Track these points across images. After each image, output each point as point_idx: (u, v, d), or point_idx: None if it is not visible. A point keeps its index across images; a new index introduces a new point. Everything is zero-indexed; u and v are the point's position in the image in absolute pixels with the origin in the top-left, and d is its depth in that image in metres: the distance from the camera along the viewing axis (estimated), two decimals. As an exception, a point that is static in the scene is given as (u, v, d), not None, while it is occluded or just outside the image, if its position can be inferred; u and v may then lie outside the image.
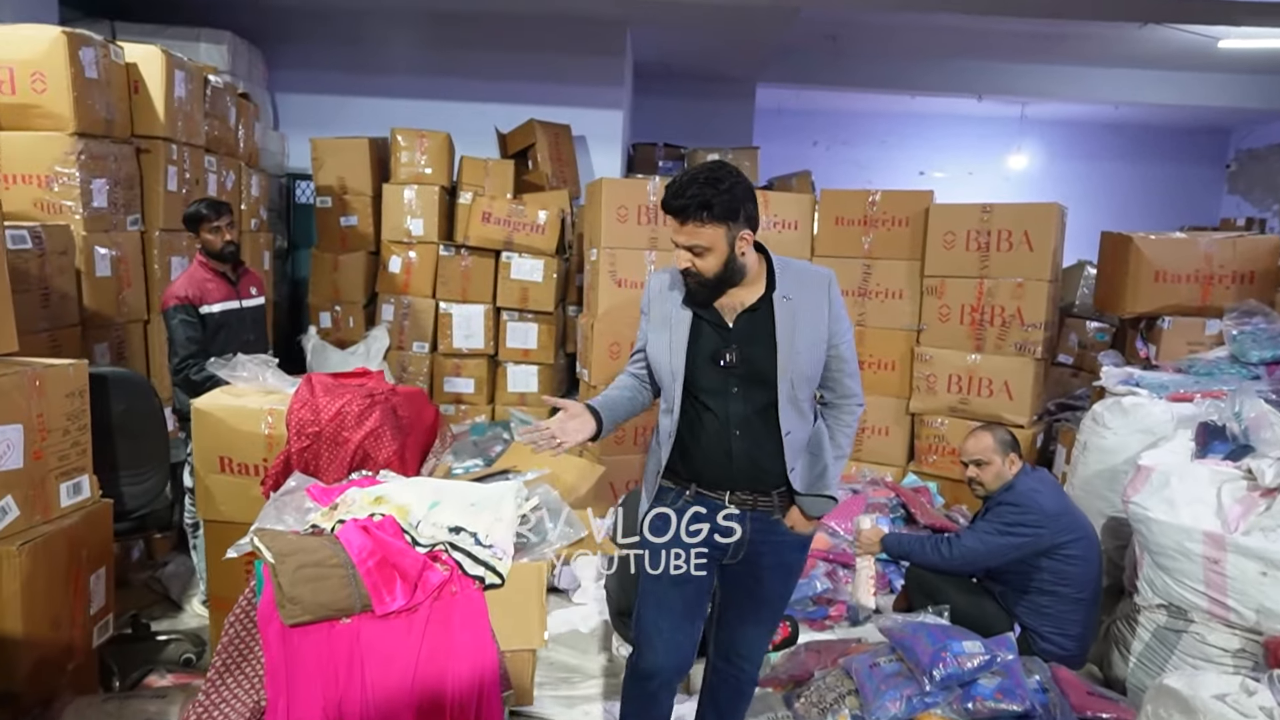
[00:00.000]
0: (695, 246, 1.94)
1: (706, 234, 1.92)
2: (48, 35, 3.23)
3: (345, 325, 5.81)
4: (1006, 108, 10.56)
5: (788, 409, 2.02)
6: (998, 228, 4.28)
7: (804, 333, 2.02)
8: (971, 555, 3.00)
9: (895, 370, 4.66)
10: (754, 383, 2.03)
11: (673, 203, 1.93)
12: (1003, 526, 2.93)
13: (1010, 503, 2.95)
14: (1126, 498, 2.94)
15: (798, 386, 2.02)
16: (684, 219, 1.93)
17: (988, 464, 3.05)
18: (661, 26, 7.00)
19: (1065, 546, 2.88)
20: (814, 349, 2.04)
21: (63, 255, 3.20)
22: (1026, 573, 2.94)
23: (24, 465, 2.03)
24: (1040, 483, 3.01)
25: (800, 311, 2.03)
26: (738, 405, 2.03)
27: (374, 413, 2.55)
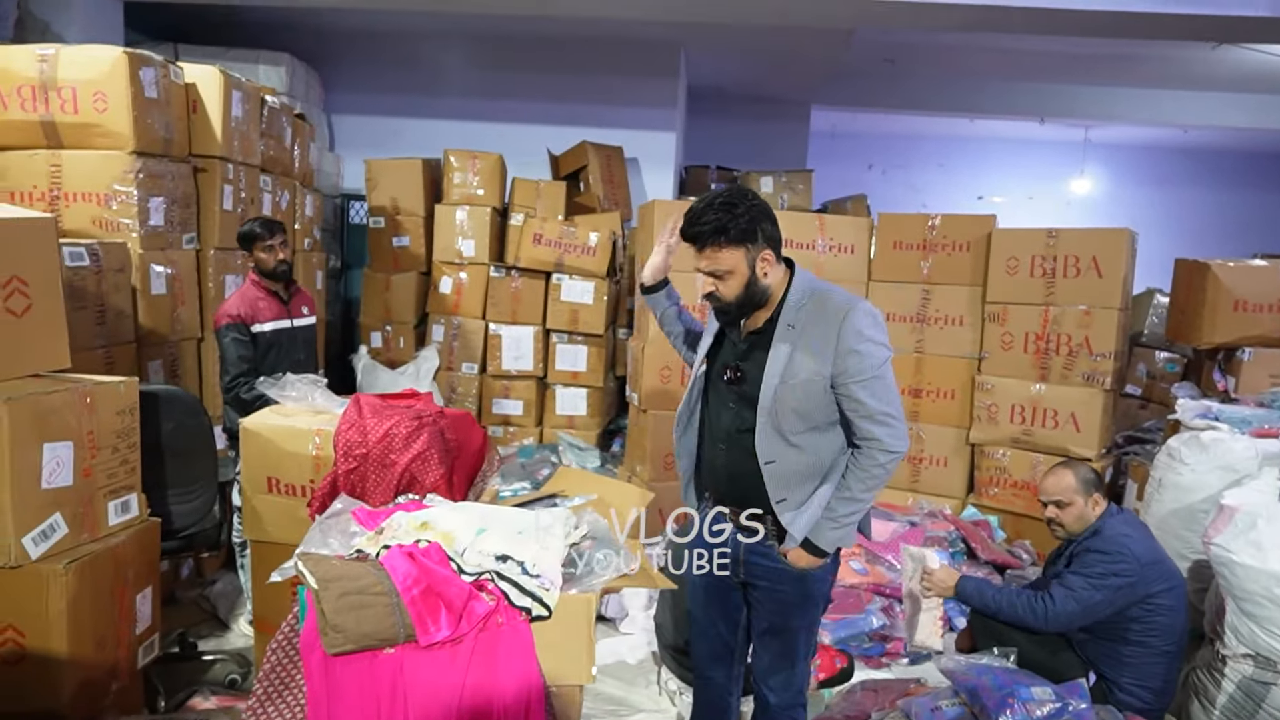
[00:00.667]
0: (716, 271, 1.96)
1: (725, 257, 1.95)
2: (110, 55, 3.28)
3: (396, 345, 5.83)
4: (1069, 131, 10.30)
5: (768, 437, 1.99)
6: (1064, 253, 4.11)
7: (799, 366, 1.97)
8: (1070, 619, 2.71)
9: (955, 399, 4.50)
10: (746, 403, 2.04)
11: (690, 230, 1.96)
12: (1096, 581, 2.67)
13: (1099, 550, 2.71)
14: (1208, 539, 2.76)
15: (782, 418, 1.98)
16: (702, 244, 1.95)
17: (1069, 505, 2.83)
18: (716, 49, 6.98)
19: (1156, 596, 2.67)
20: (808, 384, 1.96)
21: (119, 273, 3.23)
22: (1115, 623, 2.70)
23: (73, 483, 2.02)
24: (1130, 526, 2.80)
25: (800, 343, 1.98)
26: (730, 421, 2.08)
27: (422, 435, 2.50)
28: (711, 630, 2.29)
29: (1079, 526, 2.84)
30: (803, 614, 2.19)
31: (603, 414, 5.78)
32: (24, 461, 1.90)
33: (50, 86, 3.29)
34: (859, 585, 3.65)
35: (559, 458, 5.38)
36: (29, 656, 1.93)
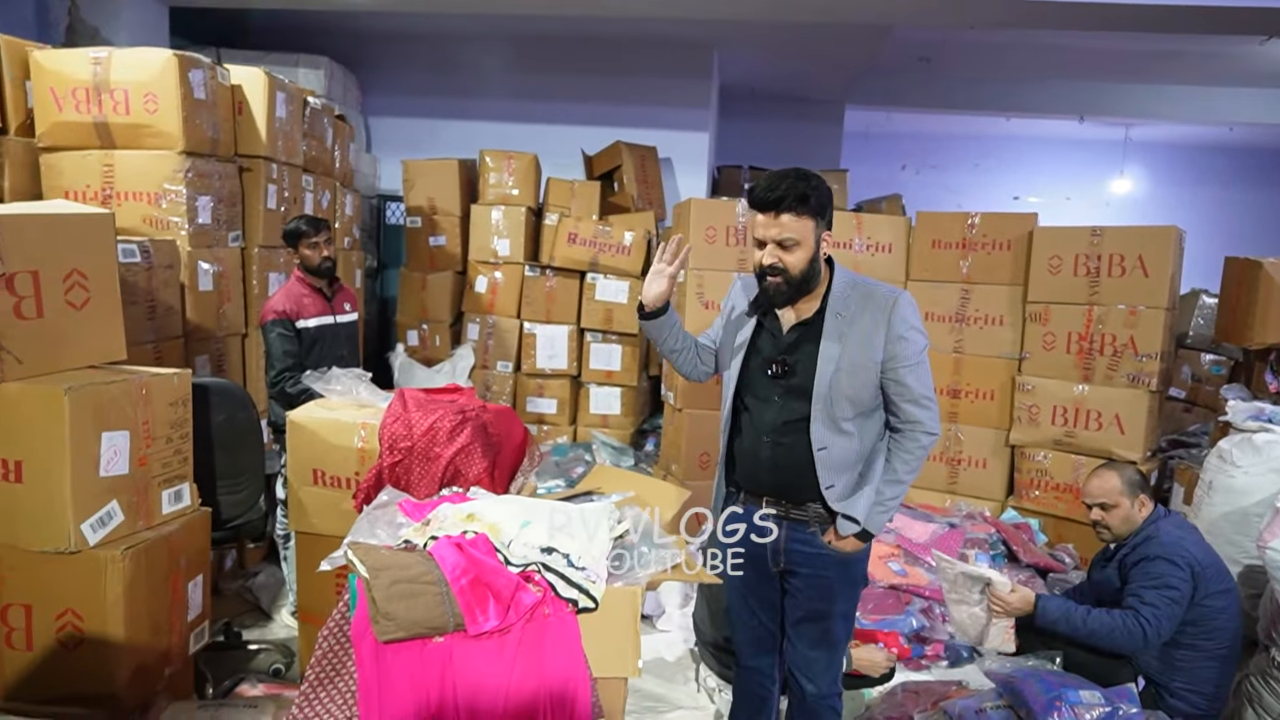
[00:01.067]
0: (787, 239, 1.96)
1: (798, 227, 1.95)
2: (160, 58, 3.35)
3: (432, 344, 5.89)
4: (1109, 130, 10.13)
5: (823, 425, 2.02)
6: (1109, 252, 4.05)
7: (851, 352, 2.01)
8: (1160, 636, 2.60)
9: (994, 400, 4.45)
10: (795, 395, 2.05)
11: (767, 195, 1.94)
12: (1169, 591, 2.58)
13: (1163, 557, 2.61)
14: (1263, 543, 2.69)
15: (836, 404, 2.02)
16: (780, 210, 1.94)
17: (1114, 507, 2.78)
18: (749, 49, 6.97)
19: (1212, 598, 2.61)
20: (861, 370, 2.01)
21: (169, 269, 3.30)
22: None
23: (129, 471, 2.06)
24: (1182, 529, 2.75)
25: (851, 331, 2.03)
26: (776, 414, 2.08)
27: (465, 429, 2.52)
28: (753, 620, 2.29)
29: (1125, 529, 2.79)
30: (845, 598, 2.22)
31: (636, 413, 5.79)
32: (83, 450, 1.94)
33: (103, 88, 3.37)
34: (898, 586, 3.62)
35: (593, 456, 5.40)
36: (87, 640, 1.98)
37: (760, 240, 2.00)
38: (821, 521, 2.12)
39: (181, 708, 2.10)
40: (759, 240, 2.00)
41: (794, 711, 2.32)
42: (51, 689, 2.00)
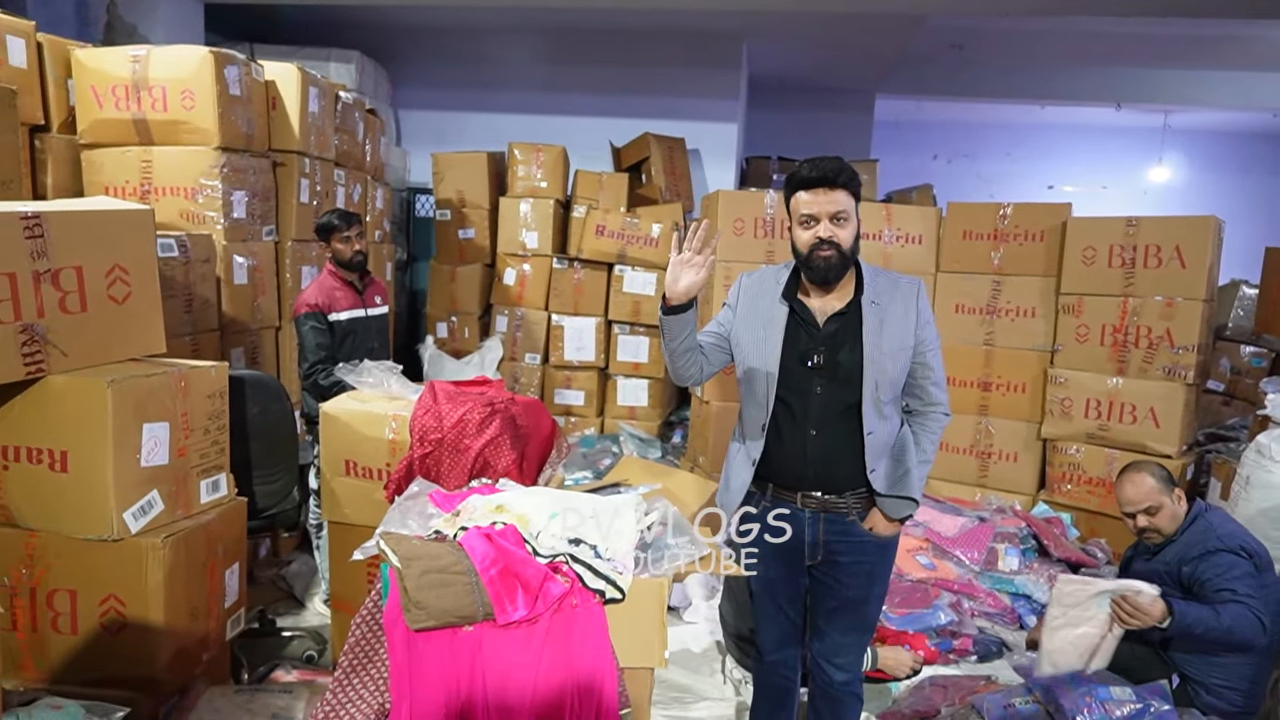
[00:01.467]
0: (841, 214, 2.01)
1: (849, 203, 2.02)
2: (197, 55, 3.41)
3: (461, 336, 5.94)
4: (1147, 117, 9.91)
5: (870, 410, 2.07)
6: (1145, 242, 3.98)
7: (890, 337, 2.08)
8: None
9: (1026, 393, 4.40)
10: (838, 384, 2.08)
11: (814, 173, 2.00)
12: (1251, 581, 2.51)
13: (1228, 550, 2.53)
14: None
15: (881, 389, 2.07)
16: (832, 185, 1.99)
17: (1159, 508, 2.67)
18: (778, 39, 6.92)
19: (1263, 590, 2.54)
20: (899, 354, 2.09)
21: (205, 263, 3.36)
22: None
23: (169, 462, 2.12)
24: (1229, 521, 2.69)
25: (887, 317, 2.09)
26: (818, 405, 2.09)
27: (494, 421, 2.55)
28: (779, 615, 2.30)
29: (1174, 526, 2.68)
30: (882, 583, 2.25)
31: (664, 405, 5.80)
32: (125, 441, 1.99)
33: (142, 86, 3.43)
34: (926, 580, 3.60)
35: (620, 448, 5.42)
36: (129, 625, 2.04)
37: (812, 216, 2.02)
38: (859, 509, 2.15)
39: (219, 692, 2.15)
40: (809, 217, 2.02)
41: (818, 702, 2.33)
42: (94, 671, 2.07)
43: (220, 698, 2.13)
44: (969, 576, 3.69)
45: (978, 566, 3.70)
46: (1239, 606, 2.47)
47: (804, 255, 2.06)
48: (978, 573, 3.70)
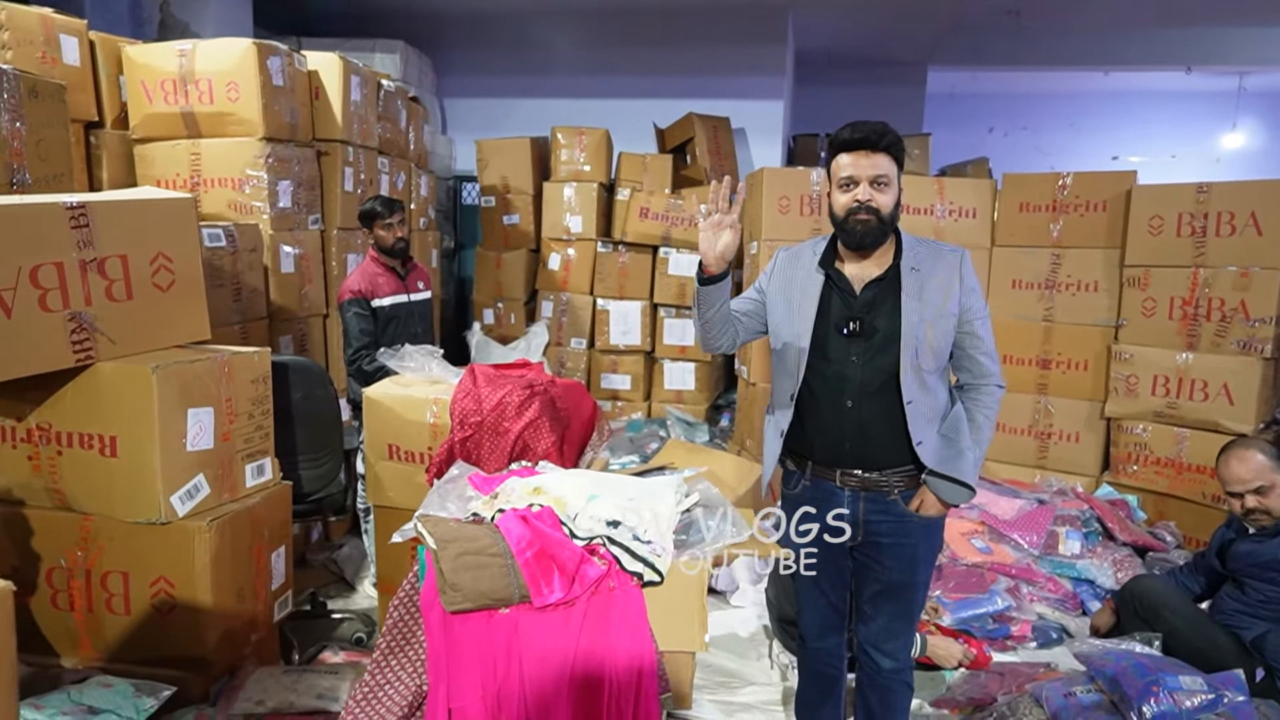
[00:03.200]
0: (881, 177, 1.95)
1: (891, 168, 1.97)
2: (240, 46, 3.45)
3: (507, 322, 5.96)
4: (1221, 80, 9.40)
5: (910, 378, 2.00)
6: (1217, 209, 3.78)
7: (931, 303, 2.01)
8: None
9: (1088, 370, 4.24)
10: (877, 351, 2.02)
11: (856, 134, 1.95)
12: None
13: None
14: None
15: (922, 356, 1.99)
16: (874, 148, 1.95)
17: (1271, 488, 2.52)
18: (825, 10, 6.74)
19: None
20: (941, 321, 2.01)
21: (253, 253, 3.41)
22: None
23: (214, 446, 2.15)
24: None
25: (929, 283, 2.02)
26: (856, 374, 2.03)
27: (534, 404, 2.53)
28: (821, 600, 2.24)
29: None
30: (927, 566, 2.17)
31: (711, 388, 5.75)
32: (171, 426, 2.03)
33: (189, 79, 3.49)
34: (982, 564, 3.50)
35: (667, 432, 5.39)
36: (179, 606, 2.08)
37: (851, 179, 1.96)
38: (901, 488, 2.07)
39: (267, 672, 2.19)
40: (849, 179, 1.97)
41: (866, 690, 2.26)
42: (148, 651, 2.12)
43: (269, 678, 2.17)
44: (1028, 561, 3.57)
45: (1037, 550, 3.58)
46: None
47: (841, 218, 2.00)
48: (1037, 557, 3.58)
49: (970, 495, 2.06)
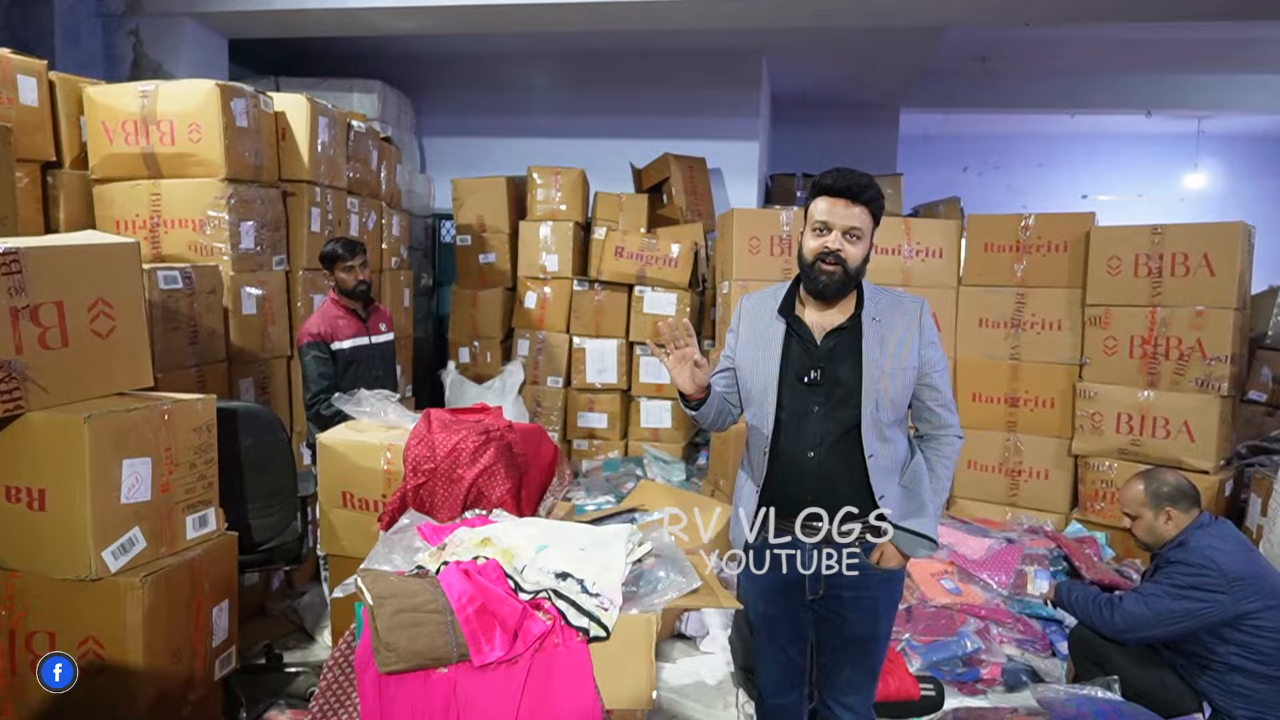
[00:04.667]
0: (855, 229, 1.94)
1: (867, 222, 1.96)
2: (203, 88, 3.44)
3: (484, 360, 5.92)
4: (1180, 123, 9.67)
5: (870, 432, 1.98)
6: (1171, 251, 3.83)
7: (891, 355, 2.00)
8: (1135, 621, 2.61)
9: (1054, 408, 4.24)
10: (837, 403, 2.00)
11: (839, 183, 1.94)
12: (1173, 589, 2.54)
13: (1182, 561, 2.56)
14: (1346, 562, 2.49)
15: (881, 409, 1.98)
16: (855, 199, 1.93)
17: (1136, 518, 2.73)
18: (798, 55, 6.85)
19: (1253, 616, 2.46)
20: (901, 374, 2.01)
21: (211, 294, 3.37)
22: (1208, 645, 2.53)
23: (151, 497, 2.09)
24: (1221, 539, 2.59)
25: (889, 334, 2.01)
26: (817, 426, 2.00)
27: (489, 449, 2.50)
28: (780, 656, 2.18)
29: (1151, 540, 2.73)
30: (888, 618, 2.14)
31: (688, 426, 5.72)
32: (104, 477, 1.97)
33: (150, 120, 3.48)
34: (951, 606, 3.46)
35: (644, 471, 5.34)
36: (108, 668, 2.00)
37: (825, 225, 1.95)
38: (864, 540, 2.03)
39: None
40: (823, 224, 1.95)
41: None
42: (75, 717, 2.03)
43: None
44: (996, 601, 3.53)
45: (1005, 590, 3.54)
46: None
47: (808, 262, 1.98)
48: (1006, 597, 3.55)
49: (932, 548, 2.04)
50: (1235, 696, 2.49)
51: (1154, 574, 2.70)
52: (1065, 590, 2.95)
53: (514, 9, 4.99)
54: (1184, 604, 2.51)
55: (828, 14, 5.04)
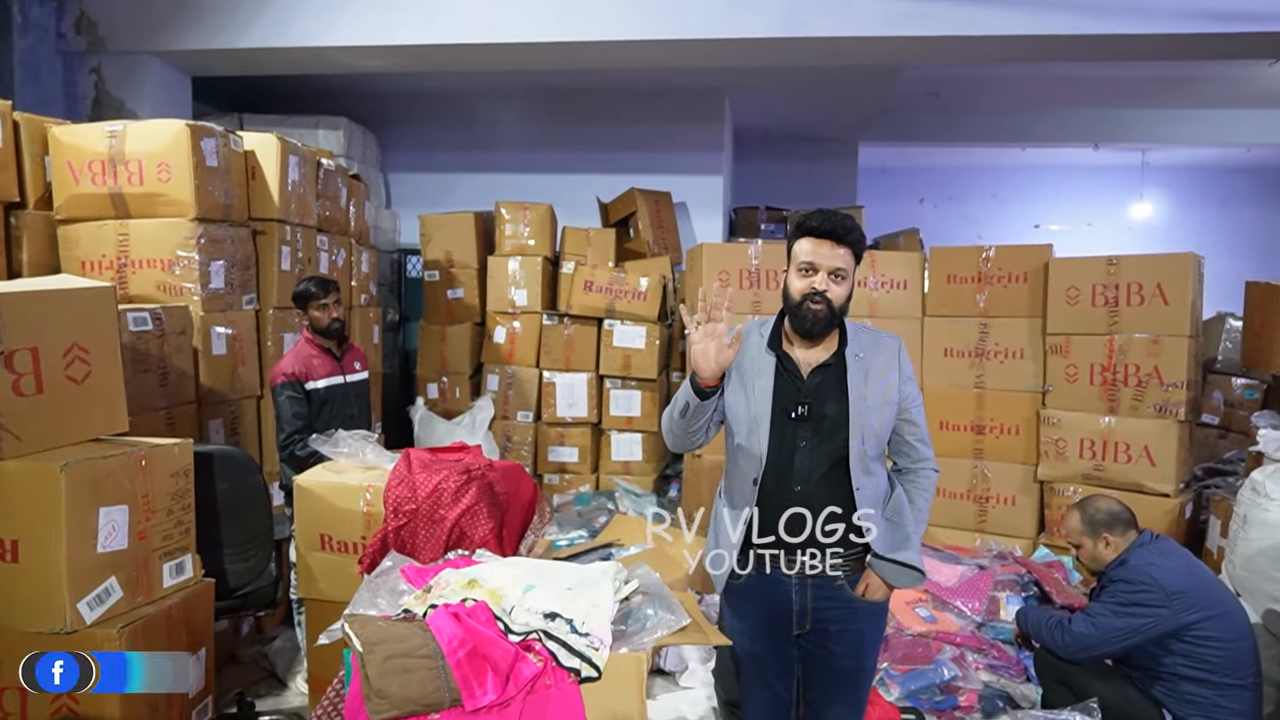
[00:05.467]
0: (840, 270, 1.99)
1: (849, 261, 2.01)
2: (173, 129, 3.42)
3: (452, 396, 5.89)
4: (1126, 155, 10.06)
5: (857, 464, 2.02)
6: (1127, 280, 3.97)
7: (875, 390, 2.06)
8: (1085, 641, 2.69)
9: (1020, 435, 4.34)
10: (824, 437, 2.03)
11: (824, 225, 1.98)
12: (1117, 607, 2.65)
13: (1124, 579, 2.67)
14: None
15: (868, 442, 2.03)
16: (838, 240, 1.98)
17: (1078, 546, 2.87)
18: (760, 92, 7.01)
19: (1195, 627, 2.56)
20: (884, 408, 2.07)
21: (181, 335, 3.33)
22: (1156, 657, 2.63)
23: (128, 546, 2.05)
24: (1160, 555, 2.70)
25: (871, 370, 2.07)
26: (804, 460, 2.03)
27: (470, 489, 2.49)
28: (766, 692, 2.17)
29: (1094, 565, 2.85)
30: (874, 650, 2.16)
31: (659, 459, 5.73)
32: (80, 526, 1.93)
33: (118, 160, 3.44)
34: (927, 634, 3.50)
35: (615, 504, 5.34)
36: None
37: (811, 265, 1.98)
38: (848, 573, 2.06)
39: (184, 787, 2.06)
40: (809, 265, 1.99)
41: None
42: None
43: (185, 793, 2.04)
44: (971, 628, 3.58)
45: (979, 617, 3.59)
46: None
47: (795, 302, 2.02)
48: (980, 624, 3.60)
49: (919, 578, 2.07)
50: (1188, 704, 2.58)
51: (1099, 593, 2.79)
52: (1022, 616, 3.05)
53: (481, 49, 5.04)
54: (1128, 620, 2.61)
55: (788, 55, 5.17)
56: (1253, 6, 4.39)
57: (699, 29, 4.74)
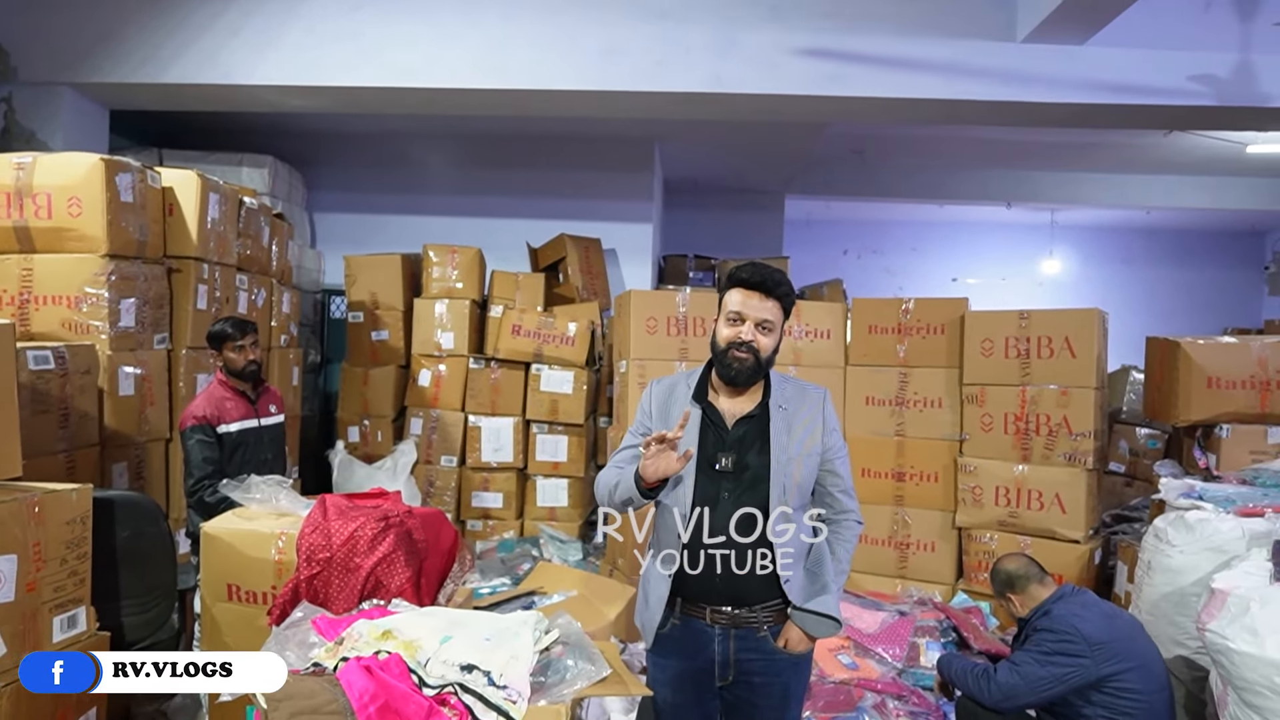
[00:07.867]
0: (767, 322, 2.01)
1: (776, 314, 2.03)
2: (86, 162, 3.32)
3: (374, 440, 5.76)
4: (1037, 214, 10.60)
5: (778, 517, 2.00)
6: (1037, 334, 4.14)
7: (797, 441, 2.07)
8: (1010, 690, 2.73)
9: (938, 482, 4.45)
10: (746, 489, 2.04)
11: (754, 277, 2.01)
12: (1041, 656, 2.70)
13: (1047, 629, 2.73)
14: (1202, 625, 2.69)
15: (789, 493, 2.03)
16: (766, 293, 2.00)
17: (1001, 605, 3.03)
18: (689, 143, 7.17)
19: (1116, 678, 2.62)
20: (807, 459, 2.08)
21: (85, 375, 3.19)
22: (1077, 707, 2.67)
23: (16, 599, 1.93)
24: (1082, 606, 2.78)
25: (795, 421, 2.08)
26: (727, 510, 2.02)
27: (388, 537, 2.42)
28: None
29: (1014, 618, 2.98)
30: (798, 703, 2.15)
31: (584, 505, 5.69)
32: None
33: (25, 193, 3.32)
34: (849, 681, 3.52)
35: (540, 551, 5.26)
36: (-42, 791, 1.81)
37: (739, 316, 2.01)
38: (770, 624, 2.06)
39: None
40: (737, 315, 2.01)
41: None
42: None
43: None
44: (892, 674, 3.62)
45: (900, 664, 3.63)
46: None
47: (721, 349, 2.04)
48: (900, 670, 3.64)
49: (837, 628, 2.07)
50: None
51: (1023, 642, 2.85)
52: (945, 664, 3.07)
53: (411, 93, 5.03)
54: (1051, 669, 2.66)
55: (716, 110, 5.32)
56: (1149, 81, 4.71)
57: (628, 81, 4.83)
